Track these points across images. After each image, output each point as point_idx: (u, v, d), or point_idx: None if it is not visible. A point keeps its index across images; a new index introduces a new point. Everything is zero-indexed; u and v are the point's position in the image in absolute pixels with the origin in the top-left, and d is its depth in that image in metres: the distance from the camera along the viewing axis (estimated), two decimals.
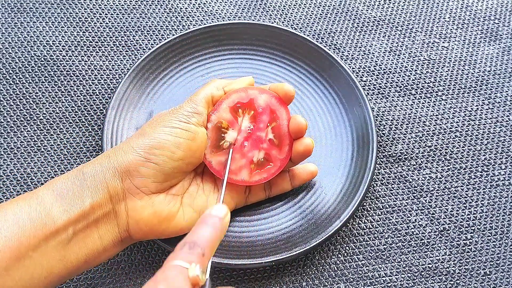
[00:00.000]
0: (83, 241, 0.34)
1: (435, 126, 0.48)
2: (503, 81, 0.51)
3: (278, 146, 0.40)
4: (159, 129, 0.36)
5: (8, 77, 0.48)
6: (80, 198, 0.34)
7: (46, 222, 0.32)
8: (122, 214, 0.35)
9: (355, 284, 0.41)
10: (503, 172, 0.46)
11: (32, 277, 0.31)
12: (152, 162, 0.35)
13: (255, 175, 0.40)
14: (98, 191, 0.34)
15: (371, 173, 0.43)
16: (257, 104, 0.40)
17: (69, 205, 0.33)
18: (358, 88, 0.46)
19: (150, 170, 0.35)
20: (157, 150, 0.36)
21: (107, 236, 0.35)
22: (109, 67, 0.50)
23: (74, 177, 0.35)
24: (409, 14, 0.55)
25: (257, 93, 0.40)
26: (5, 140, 0.46)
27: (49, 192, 0.34)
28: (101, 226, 0.34)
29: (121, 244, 0.36)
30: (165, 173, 0.36)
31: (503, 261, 0.43)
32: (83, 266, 0.34)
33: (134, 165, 0.35)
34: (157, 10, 0.53)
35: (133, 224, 0.35)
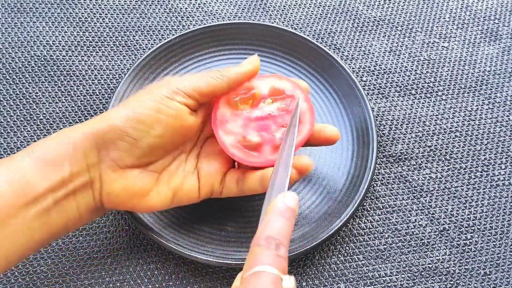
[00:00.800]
0: (63, 208, 0.33)
1: (435, 126, 0.48)
2: (503, 81, 0.51)
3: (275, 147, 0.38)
4: (142, 102, 0.35)
5: (8, 77, 0.48)
6: (60, 166, 0.33)
7: (26, 189, 0.32)
8: (97, 184, 0.35)
9: (355, 284, 0.41)
10: (503, 172, 0.46)
11: (13, 244, 0.31)
12: (130, 136, 0.34)
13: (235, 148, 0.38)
14: (77, 159, 0.34)
15: (371, 173, 0.43)
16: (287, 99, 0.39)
17: (49, 172, 0.33)
18: (358, 88, 0.46)
19: (127, 144, 0.35)
20: (136, 124, 0.35)
21: (83, 204, 0.34)
22: (109, 67, 0.50)
23: (55, 143, 0.34)
24: (409, 14, 0.55)
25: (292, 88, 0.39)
26: (5, 140, 0.46)
27: (29, 158, 0.33)
28: (78, 195, 0.34)
29: (96, 212, 0.36)
30: (142, 148, 0.35)
31: (503, 261, 0.43)
32: (62, 232, 0.34)
33: (111, 137, 0.34)
34: (157, 10, 0.53)
35: (105, 196, 0.35)
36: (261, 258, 0.25)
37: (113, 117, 0.35)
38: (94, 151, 0.34)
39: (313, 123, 0.38)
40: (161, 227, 0.40)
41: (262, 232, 0.27)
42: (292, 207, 0.29)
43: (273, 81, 0.39)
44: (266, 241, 0.26)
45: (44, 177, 0.32)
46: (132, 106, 0.35)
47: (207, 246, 0.40)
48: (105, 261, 0.41)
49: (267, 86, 0.39)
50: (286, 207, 0.28)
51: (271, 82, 0.39)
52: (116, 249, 0.42)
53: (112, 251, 0.41)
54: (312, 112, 0.39)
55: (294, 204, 0.29)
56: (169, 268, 0.41)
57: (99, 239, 0.42)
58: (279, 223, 0.27)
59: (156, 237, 0.39)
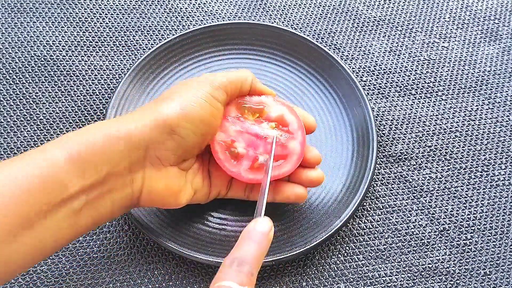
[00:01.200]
0: (95, 208, 0.32)
1: (435, 126, 0.48)
2: (503, 81, 0.51)
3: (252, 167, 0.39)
4: (190, 98, 0.35)
5: (8, 77, 0.48)
6: (97, 165, 0.31)
7: (58, 188, 0.30)
8: (138, 182, 0.34)
9: (355, 284, 0.41)
10: (503, 172, 0.46)
11: (41, 242, 0.30)
12: (179, 134, 0.34)
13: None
14: (118, 159, 0.32)
15: (371, 173, 0.43)
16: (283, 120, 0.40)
17: (84, 172, 0.31)
18: (358, 88, 0.46)
19: (175, 143, 0.34)
20: (185, 122, 0.34)
21: (118, 202, 0.33)
22: (109, 67, 0.50)
23: (92, 138, 0.32)
24: (409, 14, 0.55)
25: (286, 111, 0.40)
26: (5, 140, 0.46)
27: (63, 154, 0.31)
28: (115, 193, 0.33)
29: (127, 208, 0.35)
30: (187, 147, 0.35)
31: (503, 261, 0.43)
32: (90, 229, 0.33)
33: (161, 136, 0.33)
34: (157, 10, 0.53)
35: (145, 194, 0.34)
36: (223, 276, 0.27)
37: (164, 113, 0.34)
38: (141, 149, 0.33)
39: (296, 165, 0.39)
40: (161, 227, 0.40)
41: (230, 254, 0.29)
42: (263, 231, 0.31)
43: (285, 111, 0.39)
44: (230, 261, 0.28)
45: (78, 177, 0.31)
46: (180, 102, 0.34)
47: (207, 246, 0.40)
48: (105, 261, 0.41)
49: (277, 111, 0.39)
50: (255, 232, 0.30)
51: (282, 111, 0.39)
52: (116, 249, 0.42)
53: (112, 251, 0.41)
54: (300, 157, 0.39)
55: (266, 229, 0.31)
56: (169, 268, 0.41)
57: (99, 239, 0.42)
58: (247, 246, 0.29)
59: (156, 237, 0.39)
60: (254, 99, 0.40)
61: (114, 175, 0.32)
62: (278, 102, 0.40)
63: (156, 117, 0.34)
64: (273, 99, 0.40)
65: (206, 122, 0.36)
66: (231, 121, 0.39)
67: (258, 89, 0.40)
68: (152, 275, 0.41)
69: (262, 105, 0.39)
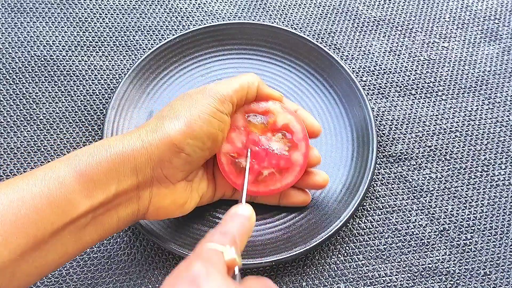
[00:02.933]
0: (101, 223, 0.32)
1: (435, 126, 0.48)
2: (503, 81, 0.51)
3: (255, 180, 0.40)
4: (194, 114, 0.34)
5: (8, 77, 0.48)
6: (105, 184, 0.31)
7: (67, 208, 0.30)
8: (145, 199, 0.34)
9: (355, 284, 0.41)
10: (503, 172, 0.46)
11: (46, 260, 0.30)
12: (185, 152, 0.34)
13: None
14: (126, 177, 0.32)
15: (371, 173, 0.43)
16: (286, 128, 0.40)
17: (93, 192, 0.31)
18: (358, 88, 0.46)
19: (181, 161, 0.34)
20: (191, 140, 0.34)
21: (124, 217, 0.34)
22: (109, 67, 0.50)
23: (100, 157, 0.32)
24: (409, 14, 0.55)
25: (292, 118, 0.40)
26: (5, 140, 0.46)
27: (71, 173, 0.31)
28: (121, 209, 0.33)
29: (134, 222, 0.35)
30: (194, 163, 0.35)
31: (503, 261, 0.43)
32: (95, 243, 0.33)
33: (168, 155, 0.33)
34: (157, 10, 0.53)
35: (153, 210, 0.35)
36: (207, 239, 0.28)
37: (170, 132, 0.34)
38: (148, 168, 0.33)
39: (298, 176, 0.40)
40: (161, 228, 0.40)
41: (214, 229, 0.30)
42: (244, 214, 0.31)
43: (291, 119, 0.39)
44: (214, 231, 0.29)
45: (87, 196, 0.31)
46: (185, 119, 0.34)
47: None
48: (105, 262, 0.41)
49: (284, 120, 0.39)
50: (238, 214, 0.31)
51: (289, 119, 0.39)
52: (116, 249, 0.42)
53: (112, 251, 0.41)
54: (303, 168, 0.40)
55: (247, 212, 0.32)
56: (169, 268, 0.41)
57: None
58: (230, 223, 0.30)
59: (156, 238, 0.39)
60: (261, 106, 0.39)
61: (122, 194, 0.33)
62: (285, 110, 0.40)
63: (162, 136, 0.34)
64: (280, 106, 0.40)
65: (213, 138, 0.36)
66: (237, 132, 0.39)
67: (265, 94, 0.39)
68: (152, 275, 0.41)
69: (269, 113, 0.39)
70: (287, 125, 0.40)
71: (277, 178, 0.39)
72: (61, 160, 0.32)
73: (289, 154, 0.39)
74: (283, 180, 0.40)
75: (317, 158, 0.40)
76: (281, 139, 0.40)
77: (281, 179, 0.40)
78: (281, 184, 0.40)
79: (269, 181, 0.39)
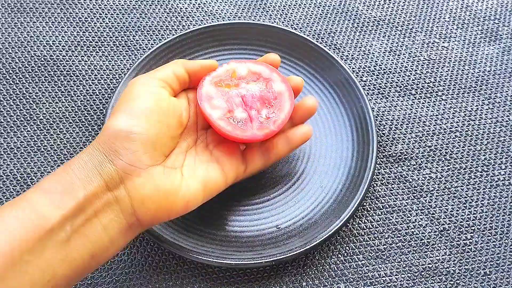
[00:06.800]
0: (85, 235, 0.31)
1: (435, 126, 0.48)
2: (503, 81, 0.51)
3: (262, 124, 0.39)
4: (131, 102, 0.35)
5: (8, 77, 0.48)
6: (72, 192, 0.31)
7: (38, 222, 0.29)
8: (124, 198, 0.33)
9: (355, 284, 0.41)
10: (503, 172, 0.46)
11: (33, 283, 0.29)
12: (135, 132, 0.34)
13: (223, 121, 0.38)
14: (90, 180, 0.32)
15: (371, 173, 0.43)
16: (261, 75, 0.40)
17: (61, 201, 0.30)
18: (358, 88, 0.46)
19: (136, 142, 0.33)
20: (134, 118, 0.34)
21: (112, 225, 0.32)
22: (109, 67, 0.50)
23: (62, 172, 0.32)
24: (409, 14, 0.55)
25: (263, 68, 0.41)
26: (5, 140, 0.46)
27: (38, 192, 0.31)
28: (102, 216, 0.32)
29: (130, 232, 0.34)
30: (150, 140, 0.34)
31: (503, 261, 0.43)
32: (90, 262, 0.32)
33: (118, 142, 0.33)
34: (157, 10, 0.53)
35: (139, 206, 0.33)
36: None
37: (113, 122, 0.34)
38: (107, 165, 0.33)
39: (293, 101, 0.39)
40: (161, 227, 0.40)
41: None
42: None
43: (250, 65, 0.40)
44: None
45: (56, 206, 0.30)
46: (123, 108, 0.35)
47: (207, 246, 0.40)
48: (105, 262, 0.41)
49: (245, 68, 0.40)
50: None
51: (248, 66, 0.40)
52: None
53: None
54: (291, 92, 0.39)
55: None
56: (169, 268, 0.41)
57: None
58: None
59: (156, 237, 0.39)
60: (220, 71, 0.40)
61: (93, 197, 0.32)
62: (240, 61, 0.40)
63: (105, 127, 0.34)
64: (234, 62, 0.40)
65: (156, 110, 0.35)
66: (217, 96, 0.39)
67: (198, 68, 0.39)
68: (152, 275, 0.41)
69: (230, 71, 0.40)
70: (249, 70, 0.40)
71: (276, 113, 0.39)
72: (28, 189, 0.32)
73: (269, 87, 0.39)
74: (281, 111, 0.39)
75: (296, 77, 0.40)
76: (256, 82, 0.40)
77: (279, 110, 0.39)
78: (284, 114, 0.38)
79: (271, 120, 0.38)
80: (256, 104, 0.39)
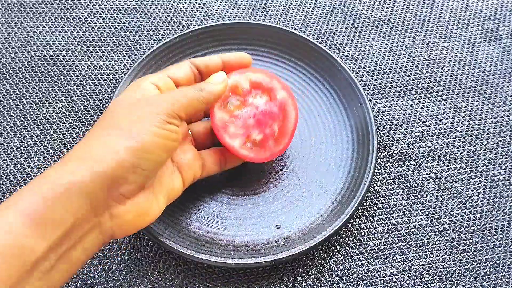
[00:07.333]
0: (68, 260, 0.30)
1: (435, 126, 0.48)
2: (503, 81, 0.51)
3: (276, 139, 0.41)
4: (143, 128, 0.32)
5: (8, 77, 0.48)
6: (59, 220, 0.29)
7: (24, 256, 0.27)
8: (106, 223, 0.32)
9: (355, 284, 0.41)
10: (503, 172, 0.46)
11: None
12: (141, 168, 0.32)
13: (244, 149, 0.40)
14: (79, 206, 0.30)
15: (371, 173, 0.43)
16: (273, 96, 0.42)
17: (47, 231, 0.28)
18: (358, 88, 0.46)
19: (137, 176, 0.32)
20: (146, 154, 0.32)
21: (91, 245, 0.31)
22: (109, 67, 0.50)
23: (46, 193, 0.29)
24: (409, 14, 0.55)
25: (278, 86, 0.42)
26: (5, 140, 0.46)
27: (19, 218, 0.28)
28: (85, 241, 0.31)
29: (101, 246, 0.33)
30: (150, 176, 0.33)
31: (503, 261, 0.43)
32: (67, 279, 0.31)
33: (121, 173, 0.31)
34: (157, 10, 0.53)
35: (118, 229, 0.33)
36: None
37: (118, 151, 0.31)
38: (102, 192, 0.31)
39: (296, 107, 0.42)
40: (161, 227, 0.40)
41: None
42: None
43: (250, 75, 0.41)
44: None
45: (42, 238, 0.28)
46: (130, 131, 0.32)
47: (207, 246, 0.40)
48: (105, 262, 0.41)
49: (246, 80, 0.41)
50: None
51: (249, 77, 0.41)
52: (116, 249, 0.42)
53: (112, 251, 0.41)
54: (293, 97, 0.42)
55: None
56: (169, 268, 0.41)
57: None
58: None
59: (156, 237, 0.39)
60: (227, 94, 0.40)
61: (79, 224, 0.30)
62: (240, 73, 0.41)
63: (113, 156, 0.31)
64: (234, 74, 0.41)
65: (167, 148, 0.33)
66: (231, 122, 0.40)
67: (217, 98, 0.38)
68: (152, 275, 0.41)
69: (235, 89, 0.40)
70: (250, 80, 0.41)
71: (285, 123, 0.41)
72: (8, 204, 0.29)
73: (273, 97, 0.41)
74: (289, 121, 0.41)
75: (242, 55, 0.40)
76: (259, 95, 0.41)
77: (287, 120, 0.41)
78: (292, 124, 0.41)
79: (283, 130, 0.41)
80: (268, 122, 0.41)
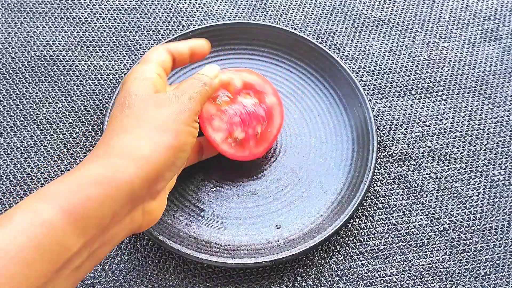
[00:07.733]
0: (96, 256, 0.30)
1: (435, 126, 0.48)
2: (503, 81, 0.51)
3: (258, 141, 0.42)
4: (180, 127, 0.33)
5: (8, 77, 0.48)
6: (100, 218, 0.28)
7: (60, 253, 0.27)
8: (138, 218, 0.32)
9: (355, 284, 0.41)
10: (503, 172, 0.46)
11: None
12: (176, 165, 0.33)
13: (225, 144, 0.41)
14: (122, 205, 0.30)
15: (371, 173, 0.43)
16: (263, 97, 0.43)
17: (86, 229, 0.28)
18: (358, 88, 0.46)
19: (172, 173, 0.33)
20: (181, 152, 0.33)
21: (117, 242, 0.31)
22: (109, 67, 0.50)
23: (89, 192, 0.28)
24: (409, 14, 0.55)
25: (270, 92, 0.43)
26: (5, 140, 0.46)
27: (58, 214, 0.27)
28: (116, 238, 0.31)
29: None
30: (178, 172, 0.35)
31: (503, 261, 0.43)
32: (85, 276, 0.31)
33: (163, 171, 0.32)
34: (157, 10, 0.53)
35: (146, 224, 0.33)
36: None
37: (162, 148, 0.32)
38: (145, 189, 0.31)
39: (282, 115, 0.43)
40: (161, 227, 0.40)
41: None
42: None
43: (245, 76, 0.42)
44: None
45: (79, 235, 0.27)
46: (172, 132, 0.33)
47: (207, 246, 0.40)
48: (105, 261, 0.41)
49: (240, 80, 0.42)
50: None
51: (243, 77, 0.42)
52: (116, 249, 0.42)
53: (112, 251, 0.41)
54: (281, 104, 0.43)
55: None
56: (169, 268, 0.41)
57: None
58: None
59: (156, 237, 0.39)
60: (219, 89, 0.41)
61: (116, 222, 0.30)
62: (235, 72, 0.42)
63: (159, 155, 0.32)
64: (229, 71, 0.42)
65: (192, 145, 0.35)
66: (217, 116, 0.41)
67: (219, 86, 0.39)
68: (152, 275, 0.41)
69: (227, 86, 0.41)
70: (244, 81, 0.42)
71: (269, 128, 0.42)
72: (40, 198, 0.28)
73: (263, 100, 0.42)
74: (273, 126, 0.42)
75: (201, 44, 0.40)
76: (249, 96, 0.42)
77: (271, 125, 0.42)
78: (276, 128, 0.42)
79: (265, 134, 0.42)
80: (252, 123, 0.42)
